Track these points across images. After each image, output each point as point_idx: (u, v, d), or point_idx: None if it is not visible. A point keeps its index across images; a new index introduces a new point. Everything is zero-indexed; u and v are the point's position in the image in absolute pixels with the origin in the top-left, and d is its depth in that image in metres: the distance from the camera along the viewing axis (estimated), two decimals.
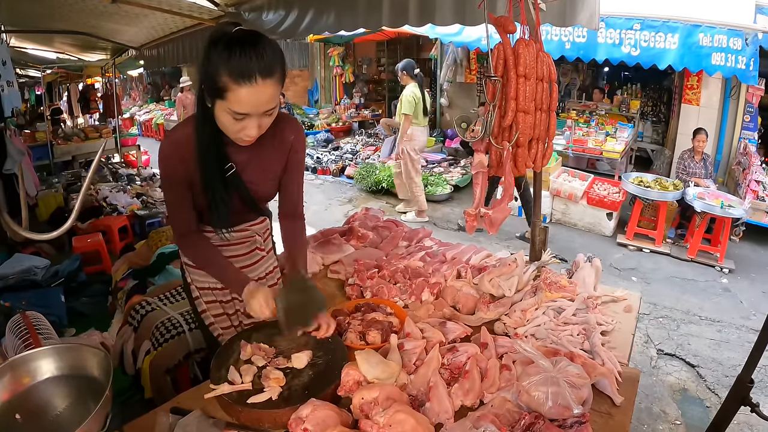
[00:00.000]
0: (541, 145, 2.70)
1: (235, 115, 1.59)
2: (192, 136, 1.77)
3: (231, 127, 1.65)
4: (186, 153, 1.77)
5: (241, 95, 1.53)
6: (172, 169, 1.81)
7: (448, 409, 1.63)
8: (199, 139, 1.76)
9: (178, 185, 1.84)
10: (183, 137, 1.78)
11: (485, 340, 2.02)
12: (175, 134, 1.83)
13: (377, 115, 15.18)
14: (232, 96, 1.54)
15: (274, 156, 1.97)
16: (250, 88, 1.52)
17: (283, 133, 1.94)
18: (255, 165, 1.92)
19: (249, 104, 1.56)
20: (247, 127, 1.63)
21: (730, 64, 6.49)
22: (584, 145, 8.84)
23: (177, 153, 1.78)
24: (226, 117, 1.61)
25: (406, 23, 3.23)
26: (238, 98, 1.54)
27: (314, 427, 1.48)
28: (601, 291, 2.60)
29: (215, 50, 1.54)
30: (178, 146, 1.78)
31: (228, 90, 1.53)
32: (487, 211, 2.59)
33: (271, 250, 2.37)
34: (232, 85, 1.52)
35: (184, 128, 1.80)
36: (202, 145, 1.76)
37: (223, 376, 1.75)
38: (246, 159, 1.89)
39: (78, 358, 1.52)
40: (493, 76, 2.38)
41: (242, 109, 1.57)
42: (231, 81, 1.51)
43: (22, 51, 8.75)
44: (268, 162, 1.96)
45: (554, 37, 7.39)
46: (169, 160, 1.80)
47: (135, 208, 6.88)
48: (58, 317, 4.05)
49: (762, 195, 6.93)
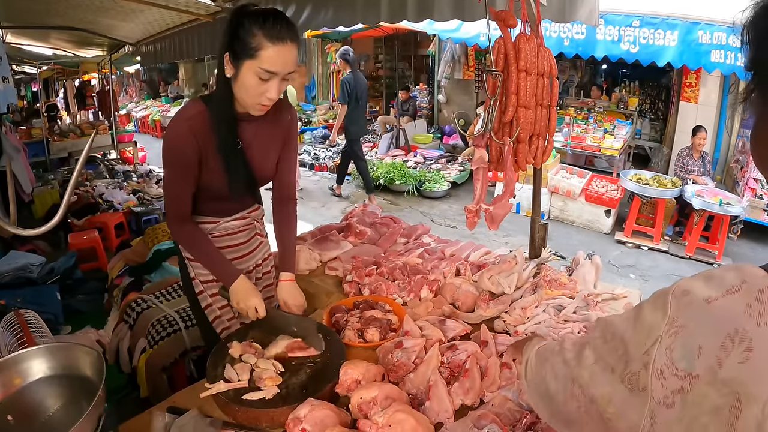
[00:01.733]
0: (542, 140, 2.68)
1: (262, 75, 1.73)
2: (204, 112, 1.87)
3: (255, 90, 1.77)
4: (199, 127, 1.85)
5: (272, 53, 1.70)
6: (182, 145, 1.86)
7: (448, 408, 1.60)
8: (221, 107, 1.87)
9: (185, 165, 1.89)
10: (195, 113, 1.87)
11: (485, 338, 2.00)
12: (187, 111, 1.89)
13: (374, 111, 15.13)
14: (266, 54, 1.70)
15: (274, 136, 2.09)
16: (281, 47, 1.71)
17: (282, 113, 2.08)
18: (257, 144, 2.02)
19: (279, 62, 1.72)
20: (270, 88, 1.77)
21: (729, 62, 6.49)
22: (582, 143, 8.85)
23: (191, 129, 1.85)
24: (253, 78, 1.74)
25: (404, 19, 3.20)
26: (270, 56, 1.70)
27: (312, 426, 1.45)
28: (601, 288, 2.58)
29: (249, 17, 1.71)
30: (192, 121, 1.85)
31: (262, 48, 1.69)
32: (488, 207, 2.56)
33: (266, 235, 2.43)
34: (266, 44, 1.69)
35: (195, 106, 1.89)
36: (223, 113, 1.87)
37: (219, 375, 1.72)
38: (251, 136, 1.98)
39: (71, 357, 1.50)
40: (494, 71, 2.36)
41: (272, 67, 1.72)
42: (266, 40, 1.69)
43: (18, 47, 8.68)
44: (269, 141, 2.07)
45: (553, 34, 7.37)
46: (180, 137, 1.86)
47: (131, 204, 6.84)
48: (53, 315, 4.01)
49: (760, 193, 6.94)
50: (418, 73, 15.73)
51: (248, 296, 1.97)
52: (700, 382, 0.65)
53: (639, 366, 0.74)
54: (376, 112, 15.05)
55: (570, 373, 0.92)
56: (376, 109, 15.32)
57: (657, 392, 0.70)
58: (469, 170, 9.25)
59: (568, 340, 0.99)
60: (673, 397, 0.68)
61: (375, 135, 12.35)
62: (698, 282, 0.73)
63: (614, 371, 0.79)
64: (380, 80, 16.61)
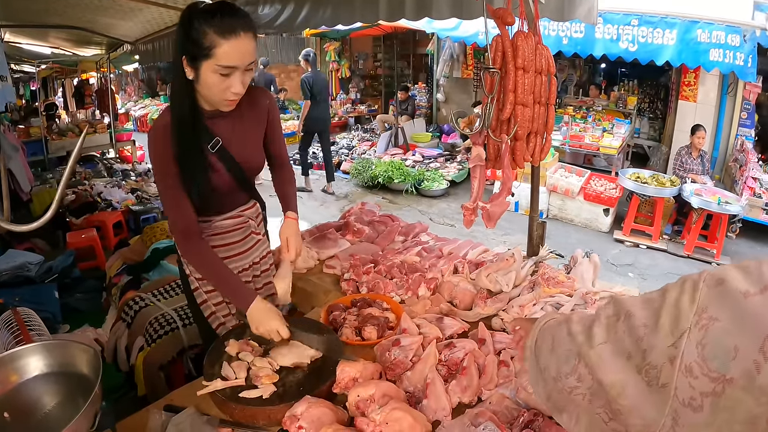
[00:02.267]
0: (540, 138, 2.68)
1: (222, 71, 1.70)
2: None
3: (218, 87, 1.75)
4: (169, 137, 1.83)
5: (228, 48, 1.67)
6: (161, 156, 1.83)
7: (446, 406, 1.60)
8: (177, 111, 1.84)
9: (169, 173, 1.85)
10: (165, 122, 1.84)
11: (483, 336, 2.00)
12: (160, 121, 1.87)
13: (373, 110, 15.15)
14: (220, 51, 1.67)
15: (254, 124, 2.08)
16: (235, 41, 1.67)
17: (258, 100, 2.08)
18: (239, 136, 2.00)
19: (235, 56, 1.70)
20: (233, 83, 1.75)
21: (728, 61, 6.49)
22: (581, 141, 8.85)
23: (164, 137, 1.82)
24: (214, 77, 1.72)
25: (403, 17, 3.19)
26: (225, 52, 1.67)
27: (309, 424, 1.45)
28: (599, 287, 2.58)
29: (197, 16, 1.68)
30: (165, 130, 1.83)
31: (215, 46, 1.66)
32: (485, 205, 2.56)
33: (265, 234, 2.40)
34: (219, 41, 1.66)
35: (167, 114, 1.86)
36: (181, 116, 1.84)
37: (216, 373, 1.72)
38: (229, 130, 1.97)
39: (67, 355, 1.49)
40: (492, 68, 2.35)
41: (230, 61, 1.69)
42: (218, 37, 1.65)
43: (17, 46, 8.66)
44: (251, 130, 2.07)
45: (552, 33, 7.36)
46: (157, 146, 1.84)
47: (130, 203, 6.83)
48: (51, 313, 4.01)
49: (759, 192, 6.94)
50: (416, 71, 15.74)
51: (268, 320, 1.86)
52: (734, 386, 0.60)
53: (662, 359, 0.69)
54: (375, 110, 15.06)
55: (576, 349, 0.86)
56: (375, 108, 15.33)
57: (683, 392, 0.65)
58: (467, 169, 9.25)
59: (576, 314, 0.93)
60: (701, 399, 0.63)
61: (374, 134, 12.35)
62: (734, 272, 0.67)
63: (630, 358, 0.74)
64: (379, 79, 16.63)
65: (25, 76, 14.67)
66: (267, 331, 1.85)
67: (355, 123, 14.48)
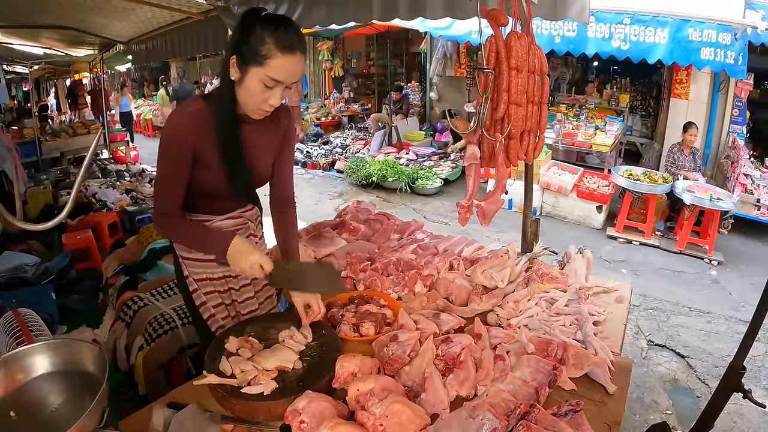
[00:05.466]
0: (533, 137, 2.71)
1: (268, 82, 1.72)
2: (206, 110, 1.85)
3: (258, 96, 1.76)
4: (199, 125, 1.83)
5: (281, 63, 1.69)
6: (180, 140, 1.83)
7: (444, 400, 1.64)
8: (225, 107, 1.84)
9: (179, 160, 1.86)
10: (197, 110, 1.85)
11: (479, 331, 2.03)
12: (189, 107, 1.87)
13: (366, 109, 15.14)
14: (273, 63, 1.69)
15: (271, 138, 2.07)
16: (291, 58, 1.70)
17: (279, 117, 2.05)
18: (255, 145, 1.99)
19: (285, 72, 1.72)
20: (273, 96, 1.77)
21: (719, 59, 6.53)
22: (574, 139, 8.88)
23: (190, 124, 1.83)
24: (258, 85, 1.73)
25: (396, 17, 3.22)
26: (277, 65, 1.69)
27: (311, 418, 1.48)
28: (593, 282, 2.61)
29: (260, 22, 1.70)
30: (192, 117, 1.83)
31: (271, 57, 1.68)
32: (480, 203, 2.59)
33: (263, 236, 2.41)
34: (276, 53, 1.68)
35: (197, 103, 1.87)
36: (227, 113, 1.85)
37: (216, 369, 1.75)
38: (248, 139, 1.95)
39: (73, 353, 1.51)
40: (486, 69, 2.39)
41: (279, 76, 1.71)
42: (276, 49, 1.67)
43: (9, 47, 8.61)
44: (266, 143, 2.05)
45: (544, 31, 7.39)
46: (178, 131, 1.84)
47: (124, 204, 6.83)
48: (48, 315, 4.01)
49: (750, 188, 7.01)
50: (409, 70, 15.75)
51: (249, 254, 1.88)
52: None
53: None
54: (368, 109, 15.06)
55: None
56: (368, 107, 15.33)
57: None
58: (461, 167, 9.28)
59: None
60: None
61: (367, 133, 12.36)
62: None
63: None
64: (372, 78, 16.63)
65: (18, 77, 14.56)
66: (249, 265, 1.87)
67: (348, 122, 14.47)
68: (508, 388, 1.69)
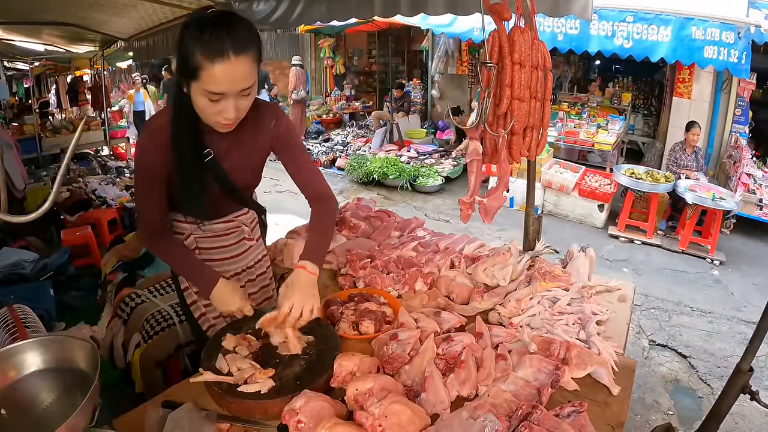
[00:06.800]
0: (536, 133, 2.68)
1: (211, 96, 1.56)
2: (168, 124, 1.74)
3: (208, 110, 1.61)
4: (164, 141, 1.74)
5: (215, 73, 1.50)
6: (149, 159, 1.77)
7: (444, 400, 1.61)
8: (175, 124, 1.73)
9: (153, 179, 1.80)
10: (161, 126, 1.75)
11: (480, 330, 2.00)
12: (153, 123, 1.80)
13: (368, 106, 15.13)
14: (206, 75, 1.51)
15: (254, 144, 1.93)
16: (223, 65, 1.50)
17: (263, 120, 1.91)
18: (235, 154, 1.89)
19: (224, 82, 1.53)
20: (225, 109, 1.60)
21: (722, 58, 6.49)
22: (576, 137, 8.84)
23: (155, 141, 1.75)
24: (203, 100, 1.58)
25: (398, 13, 3.20)
26: (212, 76, 1.51)
27: (308, 418, 1.45)
28: (596, 281, 2.58)
29: (188, 31, 1.53)
30: (157, 134, 1.75)
31: (202, 69, 1.50)
32: (482, 199, 2.56)
33: (260, 238, 2.35)
34: (205, 63, 1.49)
35: (162, 117, 1.78)
36: (178, 130, 1.73)
37: (212, 367, 1.72)
38: (227, 147, 1.86)
39: (65, 350, 1.49)
40: (489, 63, 2.36)
41: (217, 87, 1.53)
42: (204, 59, 1.49)
43: (10, 43, 8.60)
44: (249, 151, 1.93)
45: (547, 29, 7.36)
46: (146, 150, 1.77)
47: (124, 200, 6.82)
48: (47, 311, 3.99)
49: (753, 188, 6.98)
50: (411, 68, 15.73)
51: (230, 300, 1.86)
52: None
53: None
54: (369, 107, 15.04)
55: None
56: (370, 105, 15.31)
57: None
58: (462, 165, 9.27)
59: None
60: None
61: (368, 130, 12.34)
62: None
63: None
64: (373, 75, 16.61)
65: (18, 73, 14.52)
66: (230, 310, 1.86)
67: (349, 119, 14.46)
68: (510, 388, 1.67)
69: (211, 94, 1.55)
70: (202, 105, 1.61)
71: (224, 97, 1.57)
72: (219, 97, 1.56)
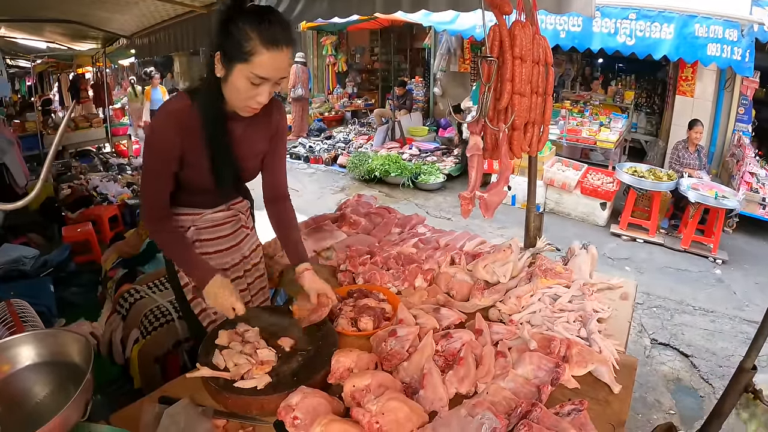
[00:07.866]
0: (537, 129, 2.67)
1: (254, 79, 1.66)
2: (189, 107, 1.79)
3: (245, 93, 1.70)
4: (183, 123, 1.78)
5: (266, 59, 1.63)
6: (165, 141, 1.79)
7: (443, 397, 1.59)
8: (208, 105, 1.79)
9: (166, 160, 1.82)
10: (180, 107, 1.79)
11: (480, 327, 1.99)
12: (171, 105, 1.83)
13: (370, 104, 15.09)
14: (258, 59, 1.62)
15: (261, 134, 2.01)
16: (275, 54, 1.63)
17: (272, 113, 2.01)
18: (244, 141, 1.95)
19: (271, 69, 1.66)
20: (261, 93, 1.71)
21: (725, 55, 6.47)
22: (578, 135, 8.81)
23: (175, 122, 1.78)
24: (244, 82, 1.67)
25: (399, 9, 3.18)
26: (262, 62, 1.63)
27: (304, 414, 1.44)
28: (597, 278, 2.57)
29: (243, 16, 1.63)
30: (176, 115, 1.78)
31: (255, 53, 1.61)
32: (483, 195, 2.55)
33: (253, 227, 2.39)
34: (260, 49, 1.61)
35: (180, 100, 1.82)
36: (211, 110, 1.80)
37: (209, 363, 1.71)
38: (239, 134, 1.92)
39: (58, 344, 1.48)
40: (490, 57, 2.34)
41: (264, 73, 1.65)
42: (260, 45, 1.61)
43: (12, 41, 8.60)
44: (256, 139, 2.00)
45: (549, 26, 7.34)
46: (163, 130, 1.80)
47: (125, 197, 6.81)
48: (47, 307, 3.97)
49: (756, 187, 6.94)
50: (413, 65, 15.68)
51: (223, 297, 1.86)
52: None
53: None
54: (371, 104, 15.02)
55: None
56: (372, 102, 15.29)
57: None
58: (464, 163, 9.24)
59: None
60: None
61: (370, 128, 12.33)
62: None
63: None
64: (376, 73, 16.60)
65: (21, 71, 14.56)
66: (222, 307, 1.86)
67: (351, 117, 14.43)
68: (509, 385, 1.65)
69: (255, 77, 1.65)
70: (240, 87, 1.69)
71: (265, 82, 1.69)
72: (261, 81, 1.67)
